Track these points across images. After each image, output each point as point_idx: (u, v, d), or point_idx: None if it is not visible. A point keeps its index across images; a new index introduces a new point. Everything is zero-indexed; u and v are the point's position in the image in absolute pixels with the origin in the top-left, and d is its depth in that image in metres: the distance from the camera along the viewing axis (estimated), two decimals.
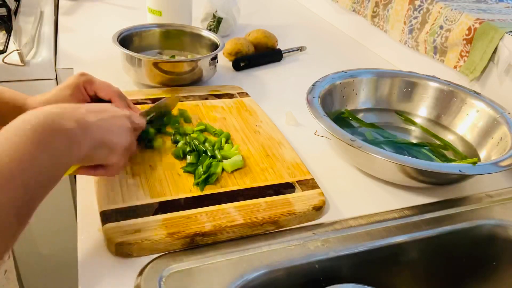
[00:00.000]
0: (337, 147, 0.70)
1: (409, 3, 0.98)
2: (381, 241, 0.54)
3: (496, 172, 0.57)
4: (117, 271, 0.47)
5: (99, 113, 0.48)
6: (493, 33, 0.77)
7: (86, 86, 0.60)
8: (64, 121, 0.42)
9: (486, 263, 0.63)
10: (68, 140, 0.41)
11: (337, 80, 0.76)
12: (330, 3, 1.34)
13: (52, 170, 0.40)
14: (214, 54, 0.85)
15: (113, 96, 0.61)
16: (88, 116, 0.46)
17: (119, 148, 0.49)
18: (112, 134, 0.48)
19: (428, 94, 0.79)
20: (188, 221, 0.51)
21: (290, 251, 0.51)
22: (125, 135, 0.51)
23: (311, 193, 0.58)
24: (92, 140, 0.45)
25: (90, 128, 0.45)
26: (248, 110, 0.77)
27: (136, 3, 1.31)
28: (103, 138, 0.47)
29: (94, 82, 0.60)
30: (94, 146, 0.46)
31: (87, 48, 1.00)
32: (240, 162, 0.61)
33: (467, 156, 0.70)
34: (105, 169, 0.50)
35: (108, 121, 0.49)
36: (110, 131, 0.48)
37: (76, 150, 0.43)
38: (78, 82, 0.59)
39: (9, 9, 0.99)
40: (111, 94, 0.61)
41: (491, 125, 0.70)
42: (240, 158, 0.61)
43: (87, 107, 0.47)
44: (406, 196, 0.63)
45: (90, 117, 0.46)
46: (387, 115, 0.80)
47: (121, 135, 0.50)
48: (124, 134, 0.50)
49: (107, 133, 0.48)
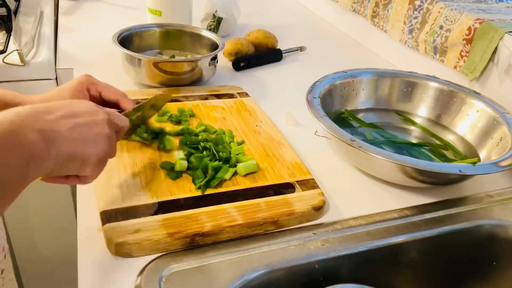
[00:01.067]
0: (337, 147, 0.70)
1: (409, 3, 0.98)
2: (381, 241, 0.54)
3: (496, 172, 0.57)
4: (117, 271, 0.47)
5: (73, 118, 0.42)
6: (493, 33, 0.77)
7: (90, 87, 0.58)
8: (26, 132, 0.37)
9: (486, 263, 0.63)
10: (27, 156, 0.36)
11: (337, 80, 0.76)
12: (330, 3, 1.34)
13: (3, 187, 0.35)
14: (214, 54, 0.85)
15: (119, 98, 0.59)
16: (58, 124, 0.40)
17: (93, 159, 0.44)
18: (85, 145, 0.43)
19: (428, 94, 0.79)
20: (188, 221, 0.51)
21: (290, 251, 0.51)
22: (102, 143, 0.45)
23: (311, 193, 0.58)
24: (59, 154, 0.40)
25: (57, 140, 0.40)
26: (248, 110, 0.77)
27: (136, 3, 1.31)
28: (73, 151, 0.41)
29: (98, 83, 0.59)
30: (62, 160, 0.40)
31: (87, 48, 1.00)
32: (254, 166, 0.61)
33: (467, 156, 0.70)
34: (79, 179, 0.46)
35: (82, 128, 0.43)
36: (83, 141, 0.42)
37: (37, 166, 0.38)
38: (81, 82, 0.57)
39: (9, 9, 0.99)
40: (117, 96, 0.59)
41: (491, 125, 0.70)
42: (254, 162, 0.61)
43: (62, 109, 0.42)
44: (406, 196, 0.63)
45: (60, 126, 0.40)
46: (387, 115, 0.80)
47: (97, 144, 0.44)
48: (100, 143, 0.45)
49: (80, 145, 0.42)
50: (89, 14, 1.23)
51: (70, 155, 0.41)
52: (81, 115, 0.43)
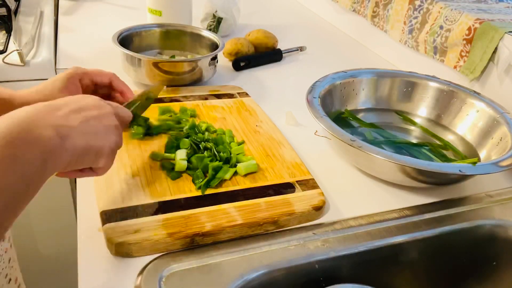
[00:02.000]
0: (337, 147, 0.70)
1: (409, 3, 0.98)
2: (381, 241, 0.54)
3: (496, 172, 0.57)
4: (117, 271, 0.47)
5: (82, 112, 0.43)
6: (493, 33, 0.77)
7: (82, 77, 0.58)
8: (40, 129, 0.37)
9: (486, 263, 0.63)
10: (44, 152, 0.37)
11: (337, 80, 0.76)
12: (330, 3, 1.34)
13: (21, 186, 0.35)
14: (214, 54, 0.85)
15: (111, 78, 0.61)
16: (70, 119, 0.41)
17: (106, 150, 0.45)
18: (98, 137, 0.43)
19: (428, 94, 0.79)
20: (188, 221, 0.51)
21: (290, 251, 0.51)
22: (113, 135, 0.46)
23: (311, 193, 0.58)
24: (75, 148, 0.40)
25: (71, 134, 0.40)
26: (248, 110, 0.77)
27: (136, 3, 1.31)
28: (87, 144, 0.42)
29: (88, 72, 0.59)
30: (77, 154, 0.41)
31: (87, 48, 1.00)
32: (254, 166, 0.61)
33: (467, 156, 0.70)
34: (93, 171, 0.46)
35: (93, 122, 0.43)
36: (95, 133, 0.43)
37: (54, 163, 0.38)
38: (71, 73, 0.57)
39: (9, 9, 0.99)
40: (109, 77, 0.60)
41: (491, 125, 0.70)
42: (254, 162, 0.61)
43: (69, 105, 0.42)
44: (406, 196, 0.63)
45: (72, 121, 0.41)
46: (387, 115, 0.80)
47: (108, 136, 0.45)
48: (111, 134, 0.46)
49: (93, 138, 0.43)
50: (89, 14, 1.23)
51: (85, 148, 0.42)
52: (89, 109, 0.44)
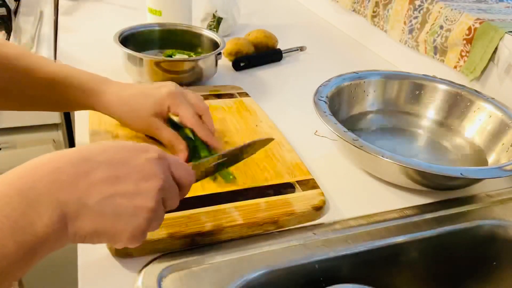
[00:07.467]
0: (342, 147, 0.70)
1: (409, 3, 0.98)
2: (381, 241, 0.54)
3: (501, 177, 0.56)
4: (117, 271, 0.47)
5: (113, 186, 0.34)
6: (493, 33, 0.77)
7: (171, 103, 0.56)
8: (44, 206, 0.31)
9: (486, 263, 0.63)
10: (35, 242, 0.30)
11: (345, 81, 0.75)
12: (330, 3, 1.34)
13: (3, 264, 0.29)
14: (217, 52, 0.85)
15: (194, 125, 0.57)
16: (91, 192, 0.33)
17: (126, 236, 0.36)
18: (117, 220, 0.35)
19: (437, 97, 0.78)
20: (188, 221, 0.51)
21: (290, 251, 0.51)
22: (141, 219, 0.36)
23: (311, 193, 0.58)
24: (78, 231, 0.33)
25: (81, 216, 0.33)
26: (248, 110, 0.77)
27: (136, 3, 1.31)
28: (99, 228, 0.34)
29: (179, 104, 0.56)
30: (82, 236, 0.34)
31: (87, 48, 1.00)
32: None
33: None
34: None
35: (120, 200, 0.35)
36: (116, 216, 0.35)
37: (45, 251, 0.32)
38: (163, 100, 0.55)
39: (9, 9, 0.99)
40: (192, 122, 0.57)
41: (502, 129, 0.69)
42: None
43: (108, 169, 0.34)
44: (406, 196, 0.63)
45: (92, 196, 0.33)
46: (395, 117, 0.79)
47: (133, 219, 0.35)
48: (138, 218, 0.36)
49: (109, 221, 0.34)
50: (89, 14, 1.23)
51: (95, 232, 0.34)
52: (126, 181, 0.35)
